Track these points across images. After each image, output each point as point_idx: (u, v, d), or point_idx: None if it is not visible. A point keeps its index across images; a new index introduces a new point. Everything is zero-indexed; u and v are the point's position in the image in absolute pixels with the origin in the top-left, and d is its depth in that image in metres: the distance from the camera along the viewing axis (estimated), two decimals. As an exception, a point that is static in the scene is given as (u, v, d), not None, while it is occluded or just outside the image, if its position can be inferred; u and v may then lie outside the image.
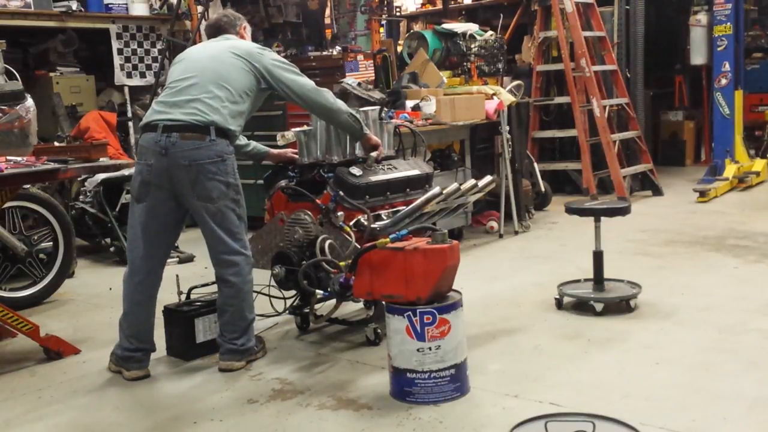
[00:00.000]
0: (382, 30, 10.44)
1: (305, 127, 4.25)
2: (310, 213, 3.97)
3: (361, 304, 4.17)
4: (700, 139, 10.44)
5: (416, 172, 4.28)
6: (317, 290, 3.97)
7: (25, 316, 4.13)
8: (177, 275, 4.08)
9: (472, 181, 4.16)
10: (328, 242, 3.81)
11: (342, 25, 9.17)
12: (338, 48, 8.24)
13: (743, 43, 8.99)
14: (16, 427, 3.25)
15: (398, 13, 10.94)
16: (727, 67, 8.47)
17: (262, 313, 4.14)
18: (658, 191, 8.26)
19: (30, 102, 4.64)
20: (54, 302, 5.16)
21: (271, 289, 4.11)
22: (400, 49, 8.79)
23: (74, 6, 7.08)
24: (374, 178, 4.06)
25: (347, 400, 3.30)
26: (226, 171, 3.59)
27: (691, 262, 5.38)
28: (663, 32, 9.99)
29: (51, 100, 6.91)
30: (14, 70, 5.33)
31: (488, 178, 4.20)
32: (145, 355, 3.75)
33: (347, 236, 3.86)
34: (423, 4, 11.44)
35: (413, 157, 4.59)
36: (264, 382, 3.56)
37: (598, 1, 8.47)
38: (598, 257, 4.44)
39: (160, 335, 3.91)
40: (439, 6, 10.93)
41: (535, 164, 7.64)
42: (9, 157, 4.06)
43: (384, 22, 10.38)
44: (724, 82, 8.51)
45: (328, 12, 9.45)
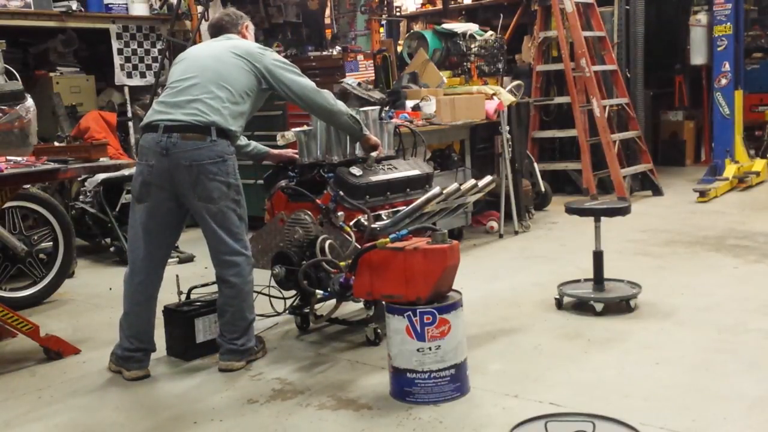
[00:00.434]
0: (382, 30, 10.44)
1: (305, 127, 4.25)
2: (310, 213, 3.97)
3: (361, 304, 4.17)
4: (700, 139, 10.44)
5: (416, 172, 4.28)
6: (317, 290, 3.96)
7: (25, 316, 4.13)
8: (177, 275, 4.08)
9: (472, 181, 4.16)
10: (328, 242, 3.81)
11: (342, 25, 9.16)
12: (338, 48, 8.24)
13: (743, 43, 8.98)
14: (16, 427, 3.25)
15: (398, 13, 10.94)
16: (727, 67, 8.47)
17: (262, 313, 4.14)
18: (658, 191, 8.25)
19: (30, 102, 4.65)
20: (54, 302, 5.16)
21: (271, 289, 4.11)
22: (400, 49, 8.78)
23: (74, 6, 7.08)
24: (374, 178, 4.06)
25: (347, 400, 3.30)
26: (227, 171, 3.59)
27: (691, 262, 5.38)
28: (663, 32, 9.99)
29: (51, 100, 6.91)
30: (14, 70, 5.32)
31: (488, 178, 4.20)
32: (146, 355, 3.75)
33: (347, 236, 3.86)
34: (423, 4, 11.44)
35: (413, 157, 4.60)
36: (264, 382, 3.56)
37: (598, 1, 8.46)
38: (598, 257, 4.44)
39: (160, 335, 3.91)
40: (439, 6, 10.93)
41: (535, 164, 7.64)
42: (9, 157, 4.07)
43: (384, 22, 10.38)
44: (724, 82, 8.51)
45: (328, 12, 9.44)
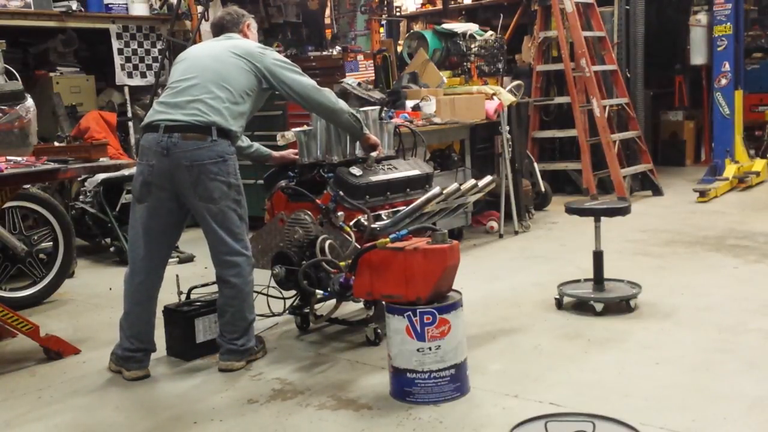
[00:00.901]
0: (382, 30, 10.44)
1: (305, 127, 4.24)
2: (310, 213, 3.97)
3: (361, 304, 4.17)
4: (700, 139, 10.44)
5: (416, 172, 4.28)
6: (317, 290, 3.96)
7: (25, 316, 4.13)
8: (177, 275, 4.08)
9: (472, 181, 4.16)
10: (328, 242, 3.81)
11: (342, 25, 9.17)
12: (338, 48, 8.24)
13: (743, 43, 8.98)
14: (16, 427, 3.25)
15: (398, 13, 10.95)
16: (727, 67, 8.47)
17: (262, 314, 4.14)
18: (658, 191, 8.25)
19: (30, 102, 4.65)
20: (54, 302, 5.15)
21: (271, 290, 4.11)
22: (400, 49, 8.79)
23: (74, 6, 7.08)
24: (374, 178, 4.05)
25: (347, 400, 3.30)
26: (227, 171, 3.58)
27: (691, 262, 5.38)
28: (663, 32, 9.99)
29: (51, 100, 6.91)
30: (14, 70, 5.32)
31: (488, 178, 4.20)
32: (146, 355, 3.75)
33: (347, 236, 3.86)
34: (423, 4, 11.45)
35: (413, 157, 4.59)
36: (264, 382, 3.56)
37: (598, 1, 8.46)
38: (598, 257, 4.44)
39: (160, 335, 3.91)
40: (439, 6, 10.95)
41: (535, 164, 7.64)
42: (9, 157, 4.06)
43: (384, 22, 10.39)
44: (724, 82, 8.51)
45: (328, 12, 9.45)
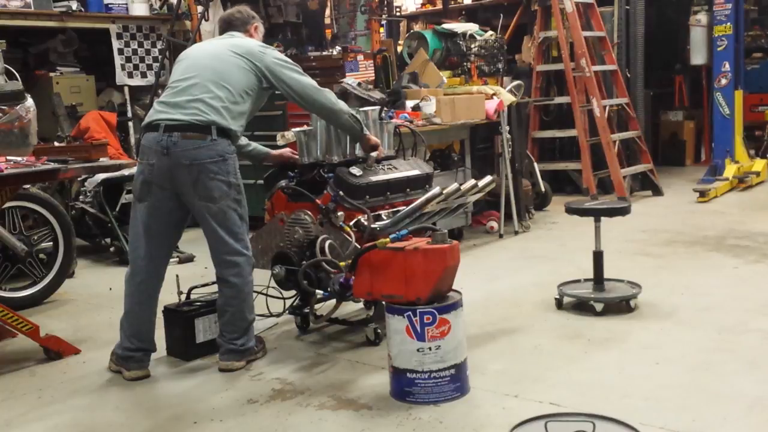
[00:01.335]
0: (382, 30, 10.43)
1: (305, 127, 4.24)
2: (310, 213, 3.97)
3: (361, 304, 4.17)
4: (700, 139, 10.44)
5: (416, 172, 4.28)
6: (317, 290, 3.97)
7: (25, 316, 4.12)
8: (177, 275, 4.08)
9: (472, 181, 4.16)
10: (328, 242, 3.81)
11: (342, 25, 9.16)
12: (338, 48, 8.23)
13: (743, 43, 8.97)
14: (16, 427, 3.25)
15: (398, 13, 10.93)
16: (727, 67, 8.46)
17: (262, 314, 4.14)
18: (658, 191, 8.25)
19: (30, 102, 4.64)
20: (54, 302, 5.15)
21: (271, 290, 4.11)
22: (400, 49, 8.78)
23: (74, 6, 7.08)
24: (374, 178, 4.05)
25: (347, 400, 3.30)
26: (227, 171, 3.58)
27: (691, 262, 5.38)
28: (663, 32, 9.98)
29: (51, 100, 6.91)
30: (14, 70, 5.31)
31: (488, 178, 4.20)
32: (146, 355, 3.75)
33: (347, 236, 3.86)
34: (423, 4, 11.44)
35: (413, 157, 4.59)
36: (264, 382, 3.56)
37: (598, 1, 8.46)
38: (598, 257, 4.44)
39: (161, 335, 3.91)
40: (439, 6, 10.93)
41: (535, 164, 7.64)
42: (9, 157, 4.07)
43: (384, 22, 10.37)
44: (724, 82, 8.50)
45: (328, 12, 9.44)
